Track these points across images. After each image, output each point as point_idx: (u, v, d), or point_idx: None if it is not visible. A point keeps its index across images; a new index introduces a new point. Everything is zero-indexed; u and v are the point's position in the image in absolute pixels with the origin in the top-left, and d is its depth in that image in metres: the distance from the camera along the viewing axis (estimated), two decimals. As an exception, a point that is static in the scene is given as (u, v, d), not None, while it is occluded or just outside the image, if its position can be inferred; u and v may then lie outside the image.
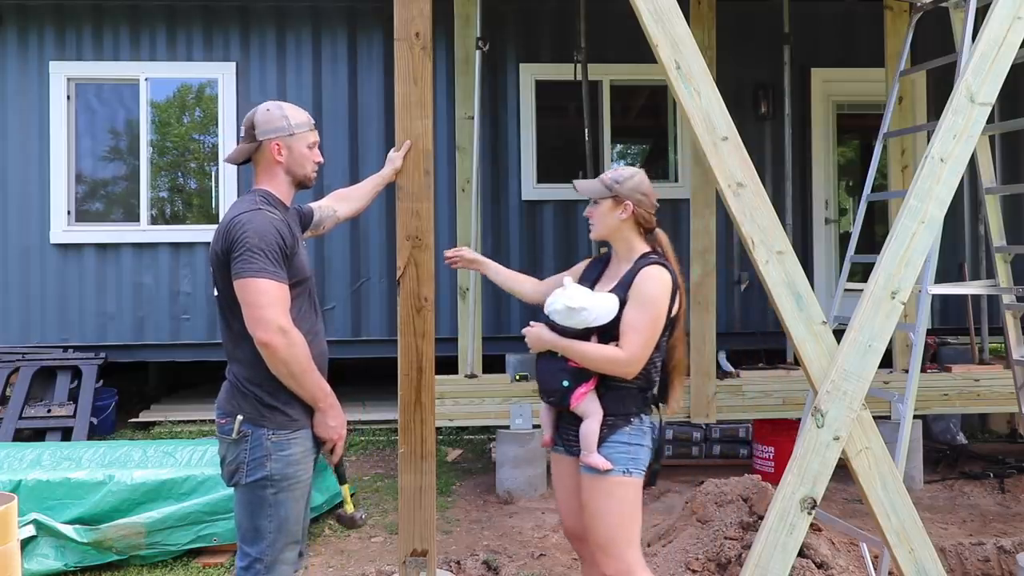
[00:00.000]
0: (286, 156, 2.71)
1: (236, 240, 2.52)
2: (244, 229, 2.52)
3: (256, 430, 2.58)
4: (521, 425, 5.55)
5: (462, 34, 5.83)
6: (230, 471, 2.63)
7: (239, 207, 2.64)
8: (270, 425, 2.58)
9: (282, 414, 2.59)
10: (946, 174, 3.23)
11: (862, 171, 7.44)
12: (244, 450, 2.59)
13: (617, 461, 2.72)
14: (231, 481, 2.65)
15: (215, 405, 2.72)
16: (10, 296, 6.88)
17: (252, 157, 2.74)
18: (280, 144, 2.70)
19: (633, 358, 2.69)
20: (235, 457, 2.61)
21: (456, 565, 4.23)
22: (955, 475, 5.98)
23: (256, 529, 2.60)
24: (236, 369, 2.66)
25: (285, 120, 2.71)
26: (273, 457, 2.57)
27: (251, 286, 2.49)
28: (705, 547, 3.91)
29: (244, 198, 2.71)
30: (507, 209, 7.07)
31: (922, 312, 3.80)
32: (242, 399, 2.61)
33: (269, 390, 2.58)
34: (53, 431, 6.40)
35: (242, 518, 2.63)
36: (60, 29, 6.98)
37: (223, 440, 2.65)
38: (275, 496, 2.59)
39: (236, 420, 2.58)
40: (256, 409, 2.58)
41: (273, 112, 2.72)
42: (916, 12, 4.78)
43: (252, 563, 2.62)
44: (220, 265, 2.59)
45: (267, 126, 2.69)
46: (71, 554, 4.13)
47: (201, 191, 7.42)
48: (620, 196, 2.84)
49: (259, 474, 2.57)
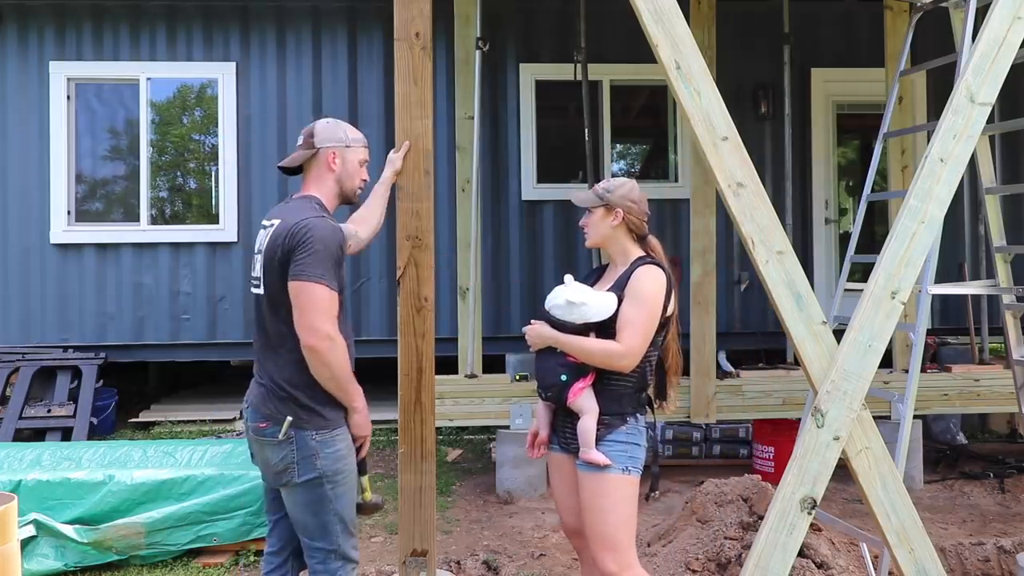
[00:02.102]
0: (339, 166, 2.85)
1: (303, 242, 2.60)
2: (312, 234, 2.61)
3: (299, 432, 2.67)
4: (521, 425, 5.55)
5: (462, 34, 5.83)
6: (276, 472, 2.72)
7: (302, 212, 2.71)
8: (311, 426, 2.68)
9: (320, 416, 2.69)
10: (946, 174, 3.23)
11: (862, 171, 7.44)
12: (291, 451, 2.68)
13: (616, 460, 2.76)
14: (280, 482, 2.73)
15: (252, 409, 2.77)
16: (10, 296, 6.88)
17: (305, 164, 2.87)
18: (336, 153, 2.85)
19: (631, 351, 2.75)
20: (282, 458, 2.69)
21: (456, 565, 4.23)
22: (955, 475, 5.98)
23: (323, 525, 2.73)
24: (273, 372, 2.71)
25: (343, 132, 2.89)
26: (321, 455, 2.68)
27: (309, 290, 2.59)
28: (705, 547, 3.91)
29: (300, 203, 2.79)
30: (507, 209, 7.07)
31: (922, 312, 3.80)
32: (279, 403, 2.69)
33: (308, 393, 2.67)
34: (53, 431, 6.40)
35: (306, 517, 2.74)
36: (60, 29, 6.98)
37: (264, 443, 2.72)
38: (332, 491, 2.71)
39: (284, 423, 2.66)
40: (295, 412, 2.67)
41: (332, 124, 2.90)
42: (916, 12, 4.78)
43: (326, 556, 2.75)
44: (277, 265, 2.66)
45: (326, 135, 2.85)
46: (71, 554, 4.13)
47: (201, 191, 7.42)
48: (611, 204, 2.91)
49: (311, 474, 2.68)
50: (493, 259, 6.99)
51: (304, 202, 2.80)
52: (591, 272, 3.13)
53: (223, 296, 6.96)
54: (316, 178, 2.86)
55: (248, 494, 4.27)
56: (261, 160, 7.01)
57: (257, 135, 7.03)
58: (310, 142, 2.85)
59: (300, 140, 2.91)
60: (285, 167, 2.91)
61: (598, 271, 3.09)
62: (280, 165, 2.94)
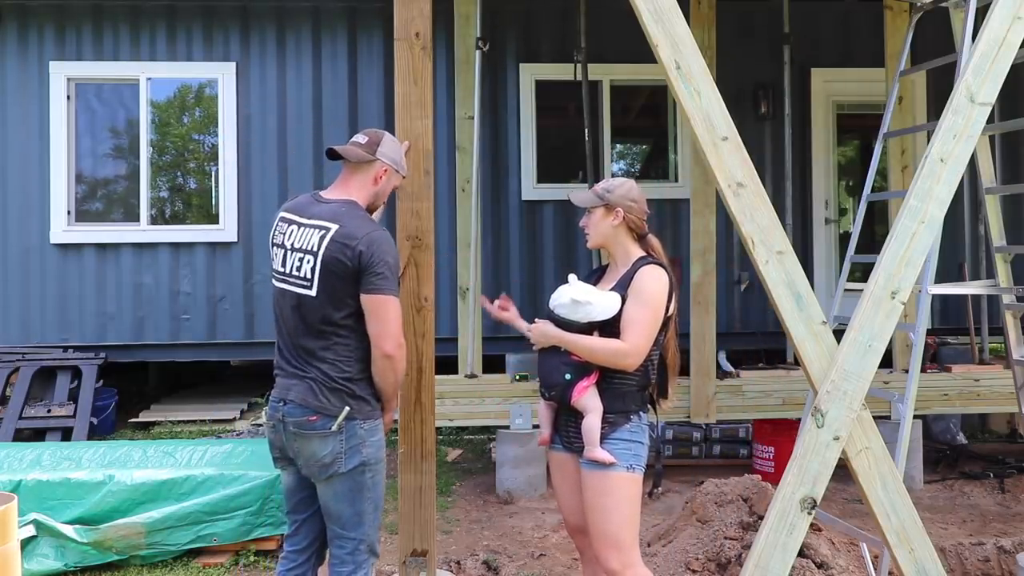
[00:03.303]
0: (382, 184, 2.92)
1: (378, 258, 2.70)
2: (386, 249, 2.74)
3: (349, 422, 2.76)
4: (521, 425, 5.55)
5: (462, 34, 5.83)
6: (324, 464, 2.76)
7: (363, 221, 2.78)
8: (358, 415, 2.78)
9: (367, 404, 2.81)
10: (946, 174, 3.23)
11: (862, 171, 7.43)
12: (340, 441, 2.75)
13: (620, 458, 2.78)
14: (327, 473, 2.77)
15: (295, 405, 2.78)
16: (10, 296, 6.88)
17: (354, 164, 2.89)
18: (387, 173, 2.92)
19: (636, 349, 2.77)
20: (331, 450, 2.75)
21: (456, 565, 4.23)
22: (955, 475, 5.98)
23: (359, 514, 2.82)
24: (324, 368, 2.77)
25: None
26: (367, 443, 2.79)
27: (389, 304, 2.74)
28: (705, 547, 3.91)
29: (352, 210, 2.82)
30: (507, 209, 7.07)
31: (922, 312, 3.80)
32: (332, 394, 2.76)
33: (361, 385, 2.79)
34: (53, 431, 6.40)
35: (343, 507, 2.81)
36: (60, 29, 6.98)
37: (313, 436, 2.75)
38: (372, 479, 2.82)
39: (339, 414, 2.74)
40: (345, 402, 2.76)
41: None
42: (916, 12, 4.78)
43: (356, 547, 2.82)
44: (346, 273, 2.71)
45: (389, 151, 2.91)
46: (71, 554, 4.13)
47: (201, 191, 7.42)
48: (611, 204, 2.93)
49: (357, 460, 2.77)
50: (493, 259, 6.98)
51: (356, 209, 2.83)
52: (592, 272, 3.14)
53: (223, 296, 6.96)
54: (361, 184, 2.89)
55: (248, 494, 4.27)
56: (261, 160, 7.01)
57: (257, 135, 7.03)
58: (373, 149, 2.88)
59: (363, 139, 2.90)
60: (343, 152, 2.88)
61: (599, 271, 3.10)
62: (333, 148, 2.90)
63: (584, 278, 2.98)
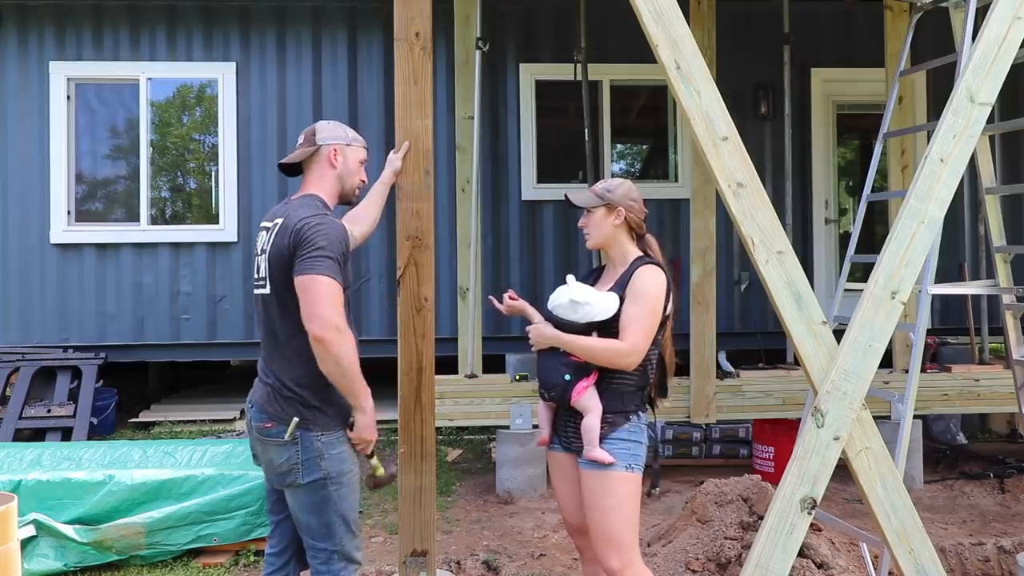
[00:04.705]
0: (341, 163, 2.88)
1: (307, 239, 2.61)
2: (317, 230, 2.63)
3: (305, 433, 2.67)
4: (521, 425, 5.55)
5: (462, 34, 5.83)
6: (281, 472, 2.71)
7: (305, 210, 2.72)
8: (316, 427, 2.67)
9: (325, 416, 2.69)
10: (946, 174, 3.23)
11: (862, 171, 7.44)
12: (296, 452, 2.67)
13: (619, 457, 2.78)
14: (284, 482, 2.72)
15: (257, 409, 2.75)
16: (10, 296, 6.88)
17: (305, 164, 2.89)
18: (337, 150, 2.88)
19: (635, 348, 2.77)
20: (287, 459, 2.68)
21: (456, 565, 4.23)
22: (955, 475, 5.98)
23: (327, 526, 2.73)
24: (279, 370, 2.71)
25: (343, 131, 2.93)
26: (326, 456, 2.68)
27: (316, 283, 2.59)
28: (705, 547, 3.91)
29: (305, 201, 2.80)
30: (507, 209, 7.07)
31: (922, 312, 3.80)
32: (285, 403, 2.68)
33: (315, 392, 2.67)
34: (53, 431, 6.40)
35: (309, 518, 2.73)
36: (60, 29, 6.98)
37: (269, 443, 2.71)
38: (336, 492, 2.71)
39: (290, 423, 2.64)
40: (300, 412, 2.66)
41: (333, 123, 2.95)
42: (916, 12, 4.78)
43: (330, 557, 2.75)
44: (283, 262, 2.66)
45: (327, 133, 2.89)
46: (71, 554, 4.13)
47: (201, 191, 7.42)
48: (612, 203, 2.93)
49: (316, 475, 2.67)
50: (493, 259, 6.99)
51: (306, 201, 2.80)
52: (589, 272, 3.14)
53: (223, 296, 6.96)
54: (318, 176, 2.87)
55: (248, 494, 4.27)
56: (261, 160, 7.01)
57: (257, 135, 7.03)
58: (312, 139, 2.88)
59: (301, 139, 2.92)
60: (286, 164, 2.92)
61: (596, 272, 3.11)
62: (281, 162, 2.95)
63: (581, 278, 2.98)
